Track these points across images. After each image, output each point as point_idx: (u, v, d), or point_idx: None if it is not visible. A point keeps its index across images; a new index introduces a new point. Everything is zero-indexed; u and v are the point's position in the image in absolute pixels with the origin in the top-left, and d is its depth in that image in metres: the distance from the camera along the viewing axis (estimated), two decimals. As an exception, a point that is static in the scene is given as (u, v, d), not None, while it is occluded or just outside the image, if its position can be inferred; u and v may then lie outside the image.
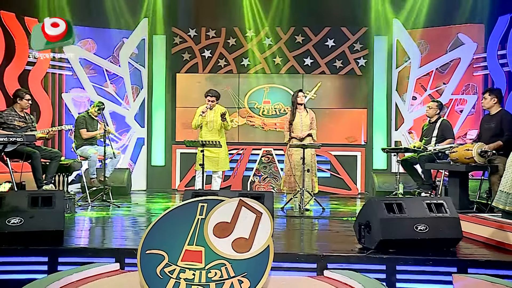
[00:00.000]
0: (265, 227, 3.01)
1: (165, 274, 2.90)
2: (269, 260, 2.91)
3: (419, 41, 8.60)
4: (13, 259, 3.69)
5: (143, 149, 8.94)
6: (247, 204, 3.10)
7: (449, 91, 8.38)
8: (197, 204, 3.13)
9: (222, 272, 2.88)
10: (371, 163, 8.69)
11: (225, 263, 2.91)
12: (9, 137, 5.09)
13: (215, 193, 3.78)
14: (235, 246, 2.97)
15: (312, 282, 3.43)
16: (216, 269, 2.90)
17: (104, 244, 4.15)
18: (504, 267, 3.56)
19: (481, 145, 5.23)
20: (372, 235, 3.73)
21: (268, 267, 2.89)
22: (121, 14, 8.73)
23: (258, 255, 2.93)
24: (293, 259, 3.62)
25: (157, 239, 3.04)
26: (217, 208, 3.10)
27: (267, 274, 2.88)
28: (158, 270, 2.92)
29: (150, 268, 2.93)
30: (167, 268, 2.92)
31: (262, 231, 3.00)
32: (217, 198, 3.17)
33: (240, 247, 2.96)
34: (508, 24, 7.55)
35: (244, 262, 2.91)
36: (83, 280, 3.39)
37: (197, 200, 3.16)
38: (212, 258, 2.94)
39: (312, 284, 3.39)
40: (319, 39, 8.86)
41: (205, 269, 2.90)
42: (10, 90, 7.29)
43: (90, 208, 6.17)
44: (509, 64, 7.51)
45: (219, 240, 2.99)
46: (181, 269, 2.91)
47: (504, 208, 4.27)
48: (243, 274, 2.87)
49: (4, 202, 3.89)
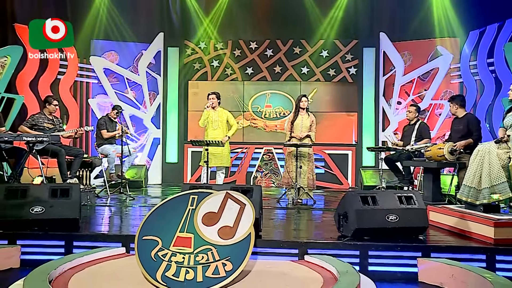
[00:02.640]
0: (248, 216, 3.00)
1: (158, 258, 2.90)
2: (250, 246, 2.89)
3: (403, 52, 8.56)
4: (35, 242, 3.75)
5: (159, 148, 8.99)
6: (232, 196, 3.10)
7: (429, 97, 8.33)
8: (188, 196, 3.14)
9: (208, 256, 2.87)
10: (360, 160, 8.64)
11: (211, 248, 2.90)
12: (37, 137, 5.17)
13: (209, 187, 3.78)
14: (220, 233, 2.96)
15: (293, 265, 3.42)
16: (203, 254, 2.89)
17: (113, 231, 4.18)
18: (461, 252, 3.57)
19: (451, 144, 5.19)
20: (349, 224, 3.72)
21: (249, 252, 2.87)
22: (140, 29, 8.82)
23: (240, 242, 2.92)
24: (278, 246, 3.62)
25: (153, 226, 3.04)
26: (206, 200, 3.10)
27: (248, 258, 2.86)
28: (152, 254, 2.92)
29: (145, 252, 2.93)
30: (160, 252, 2.92)
31: (245, 220, 2.99)
32: (207, 191, 3.16)
33: (225, 234, 2.95)
34: (477, 39, 7.61)
35: (228, 247, 2.90)
36: (92, 262, 3.43)
37: (189, 192, 3.17)
38: (200, 243, 2.93)
39: (293, 267, 3.38)
40: (315, 50, 8.84)
41: (193, 253, 2.89)
42: (43, 96, 7.35)
43: (109, 199, 6.23)
44: (479, 73, 7.51)
45: (206, 228, 2.98)
46: (173, 253, 2.91)
47: (467, 200, 4.25)
48: (226, 258, 2.86)
49: (28, 193, 3.94)
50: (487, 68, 7.42)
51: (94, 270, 3.25)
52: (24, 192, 3.93)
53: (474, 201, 4.18)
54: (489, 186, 4.08)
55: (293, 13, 8.69)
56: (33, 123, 5.79)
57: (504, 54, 6.70)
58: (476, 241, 3.80)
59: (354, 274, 3.01)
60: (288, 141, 6.33)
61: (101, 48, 8.73)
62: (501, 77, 7.11)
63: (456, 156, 5.15)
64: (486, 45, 7.45)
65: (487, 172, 4.11)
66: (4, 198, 3.85)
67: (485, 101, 7.36)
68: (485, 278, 3.04)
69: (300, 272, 3.23)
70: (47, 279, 2.87)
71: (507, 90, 6.87)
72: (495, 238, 3.68)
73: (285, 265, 3.43)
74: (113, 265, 3.38)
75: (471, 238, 3.92)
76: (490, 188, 4.08)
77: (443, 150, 5.09)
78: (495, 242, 3.66)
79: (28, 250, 3.72)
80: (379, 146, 6.57)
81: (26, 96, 7.09)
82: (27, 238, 3.75)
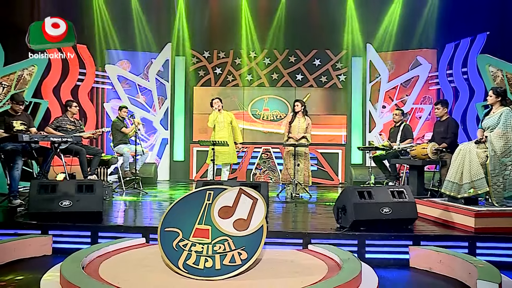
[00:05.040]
0: (260, 210, 2.99)
1: (179, 247, 2.89)
2: (262, 237, 2.89)
3: (387, 61, 8.60)
4: (64, 233, 3.78)
5: (167, 147, 8.94)
6: (245, 191, 3.09)
7: (411, 102, 8.38)
8: (205, 192, 3.12)
9: (225, 246, 2.87)
10: (349, 158, 8.65)
11: (227, 239, 2.90)
12: (62, 138, 5.13)
13: (221, 183, 3.78)
14: (235, 225, 2.95)
15: (298, 254, 3.45)
16: (220, 244, 2.88)
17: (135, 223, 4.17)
18: (447, 240, 3.63)
19: (434, 144, 5.24)
20: (347, 216, 3.75)
21: (262, 242, 2.87)
22: (150, 41, 8.79)
23: (254, 233, 2.91)
24: (284, 236, 3.64)
25: (173, 219, 3.03)
26: (221, 195, 3.08)
27: (261, 248, 2.87)
28: (174, 244, 2.91)
29: (168, 242, 2.92)
30: (181, 242, 2.91)
31: (257, 214, 2.98)
32: (222, 187, 3.15)
33: (239, 226, 2.94)
34: (452, 50, 7.71)
35: (243, 238, 2.90)
36: (117, 251, 3.43)
37: (205, 188, 3.15)
38: (217, 234, 2.92)
39: (298, 255, 3.40)
40: (308, 59, 8.83)
41: (211, 243, 2.89)
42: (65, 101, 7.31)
43: (124, 194, 6.20)
44: (455, 81, 7.58)
45: (222, 221, 2.97)
46: (192, 243, 2.90)
47: (450, 194, 4.30)
48: (242, 247, 2.86)
49: (58, 189, 3.96)
50: (461, 77, 7.50)
51: (119, 259, 3.25)
52: (54, 187, 3.94)
53: (456, 195, 4.23)
54: (470, 181, 4.14)
55: (288, 27, 8.69)
56: (57, 125, 5.74)
57: (477, 64, 6.77)
58: (458, 230, 3.87)
59: (355, 261, 3.03)
60: (286, 141, 6.36)
61: (115, 58, 8.68)
62: (474, 85, 7.20)
63: (438, 155, 5.19)
64: (460, 56, 7.53)
65: (467, 169, 4.16)
66: (37, 193, 3.85)
67: (461, 105, 7.43)
68: (469, 262, 3.09)
69: (306, 260, 3.25)
70: (80, 265, 2.87)
71: (480, 96, 7.03)
72: (476, 227, 3.76)
73: (292, 253, 3.45)
74: (136, 254, 3.38)
75: (454, 227, 3.98)
76: (470, 183, 4.14)
77: (427, 149, 5.14)
78: (475, 230, 3.74)
79: (58, 240, 3.74)
80: (368, 146, 6.59)
81: (49, 101, 7.06)
82: (57, 229, 3.77)
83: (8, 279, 2.97)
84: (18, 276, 3.00)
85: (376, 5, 8.49)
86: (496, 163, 4.11)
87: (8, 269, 3.26)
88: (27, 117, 5.26)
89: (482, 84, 6.76)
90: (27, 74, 6.26)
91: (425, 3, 8.13)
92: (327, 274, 2.87)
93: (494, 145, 4.12)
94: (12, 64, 6.19)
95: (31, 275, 3.03)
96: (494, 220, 3.82)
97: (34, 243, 3.62)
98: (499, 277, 2.75)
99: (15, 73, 6.22)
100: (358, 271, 2.80)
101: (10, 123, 4.93)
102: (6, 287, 2.83)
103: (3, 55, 6.06)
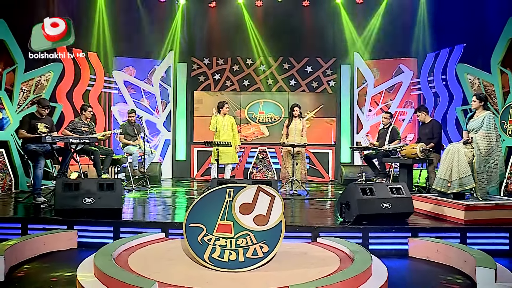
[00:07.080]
0: (278, 206, 2.98)
1: (204, 242, 2.87)
2: (282, 231, 2.89)
3: (373, 68, 8.68)
4: (88, 228, 3.74)
5: (169, 147, 8.85)
6: (263, 189, 3.07)
7: (395, 105, 8.48)
8: (225, 190, 3.09)
9: (247, 240, 2.86)
10: (339, 158, 8.72)
11: (249, 233, 2.89)
12: (80, 139, 5.04)
13: (234, 181, 3.76)
14: (256, 220, 2.93)
15: (310, 247, 3.46)
16: (242, 238, 2.87)
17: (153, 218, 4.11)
18: (441, 231, 3.70)
19: (422, 144, 5.32)
20: (351, 211, 3.77)
21: (281, 236, 2.87)
22: (153, 48, 8.70)
23: (273, 228, 2.90)
24: (294, 230, 3.64)
25: (197, 215, 3.00)
26: (241, 193, 3.06)
27: (281, 241, 2.87)
28: (199, 239, 2.88)
29: (193, 237, 2.90)
30: (205, 237, 2.89)
31: (276, 209, 2.96)
32: (241, 185, 3.12)
33: (260, 222, 2.93)
34: (433, 60, 7.85)
35: (263, 232, 2.89)
36: (140, 245, 3.40)
37: (226, 186, 3.12)
38: (239, 229, 2.91)
39: (310, 248, 3.42)
40: (301, 66, 8.86)
41: (234, 238, 2.87)
42: (76, 104, 7.33)
43: (134, 191, 6.13)
44: (435, 87, 7.72)
45: (243, 216, 2.96)
46: (216, 238, 2.88)
47: (440, 190, 4.38)
48: (263, 241, 2.85)
49: (81, 187, 3.90)
50: (441, 83, 7.62)
51: (144, 252, 3.22)
52: (77, 185, 3.88)
53: (446, 191, 4.31)
54: (458, 178, 4.23)
55: (282, 36, 8.69)
56: (73, 127, 5.65)
57: (456, 72, 6.92)
58: (450, 222, 3.93)
59: (365, 252, 3.05)
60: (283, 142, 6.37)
61: (121, 64, 8.56)
62: (453, 91, 7.32)
63: (426, 154, 5.27)
64: (440, 64, 7.65)
65: (456, 167, 4.24)
66: (62, 191, 3.77)
67: (441, 109, 7.55)
68: (463, 251, 3.15)
69: (318, 252, 3.26)
70: (112, 258, 2.83)
71: (458, 101, 7.15)
72: (466, 220, 3.83)
73: (304, 246, 3.46)
74: (159, 248, 3.35)
75: (445, 220, 4.04)
76: (459, 180, 4.22)
77: (415, 149, 5.21)
78: (465, 222, 3.81)
79: (83, 234, 3.71)
80: (360, 146, 6.64)
81: (63, 104, 6.97)
82: (82, 224, 3.74)
83: (58, 275, 2.94)
84: (67, 273, 2.96)
85: (363, 18, 8.57)
86: (481, 162, 4.21)
87: (40, 261, 3.24)
88: (50, 121, 5.20)
89: (461, 90, 6.89)
90: (44, 80, 6.17)
91: (407, 16, 8.24)
92: (341, 265, 2.88)
93: (479, 145, 4.22)
94: (31, 70, 6.13)
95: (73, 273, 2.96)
96: (481, 213, 3.91)
97: (61, 237, 3.59)
98: (494, 263, 2.81)
99: (34, 79, 6.14)
100: (370, 261, 2.82)
101: (35, 125, 4.87)
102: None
103: (24, 63, 5.98)
